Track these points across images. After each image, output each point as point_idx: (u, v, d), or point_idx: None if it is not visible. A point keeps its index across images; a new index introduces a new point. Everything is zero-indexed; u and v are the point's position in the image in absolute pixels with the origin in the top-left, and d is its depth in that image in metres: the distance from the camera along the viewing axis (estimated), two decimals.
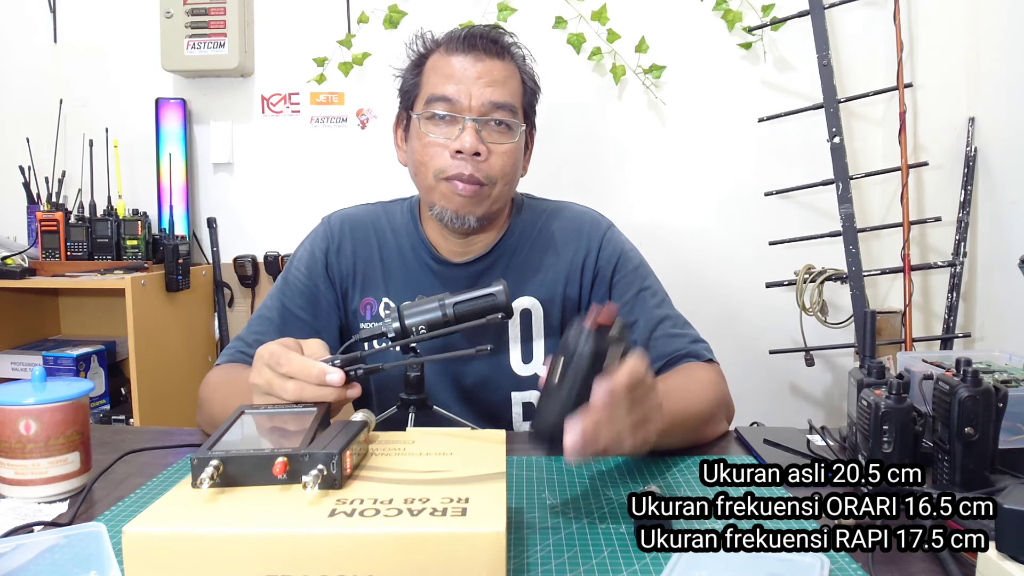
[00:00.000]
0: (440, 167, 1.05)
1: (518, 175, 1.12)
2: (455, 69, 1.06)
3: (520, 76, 1.11)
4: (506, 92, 1.06)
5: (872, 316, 0.92)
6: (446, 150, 1.04)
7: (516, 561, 0.64)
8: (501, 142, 1.06)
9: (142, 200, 2.27)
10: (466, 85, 1.04)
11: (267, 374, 0.80)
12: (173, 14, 2.17)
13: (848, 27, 2.11)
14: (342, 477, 0.60)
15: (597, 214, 1.21)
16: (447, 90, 1.05)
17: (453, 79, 1.05)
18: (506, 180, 1.08)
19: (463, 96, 1.04)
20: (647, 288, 1.14)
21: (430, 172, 1.06)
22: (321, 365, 0.78)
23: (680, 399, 0.92)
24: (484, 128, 1.05)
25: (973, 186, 1.77)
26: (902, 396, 0.74)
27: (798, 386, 2.25)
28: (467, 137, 1.03)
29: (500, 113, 1.05)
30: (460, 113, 1.04)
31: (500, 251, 1.15)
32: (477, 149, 1.03)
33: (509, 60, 1.09)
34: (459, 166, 1.04)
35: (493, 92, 1.05)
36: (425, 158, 1.06)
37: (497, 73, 1.06)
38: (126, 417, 2.01)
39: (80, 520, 0.74)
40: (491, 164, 1.05)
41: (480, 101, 1.04)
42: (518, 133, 1.08)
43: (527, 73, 1.13)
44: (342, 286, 1.15)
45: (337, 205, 1.23)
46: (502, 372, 1.13)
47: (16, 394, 0.78)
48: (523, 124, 1.10)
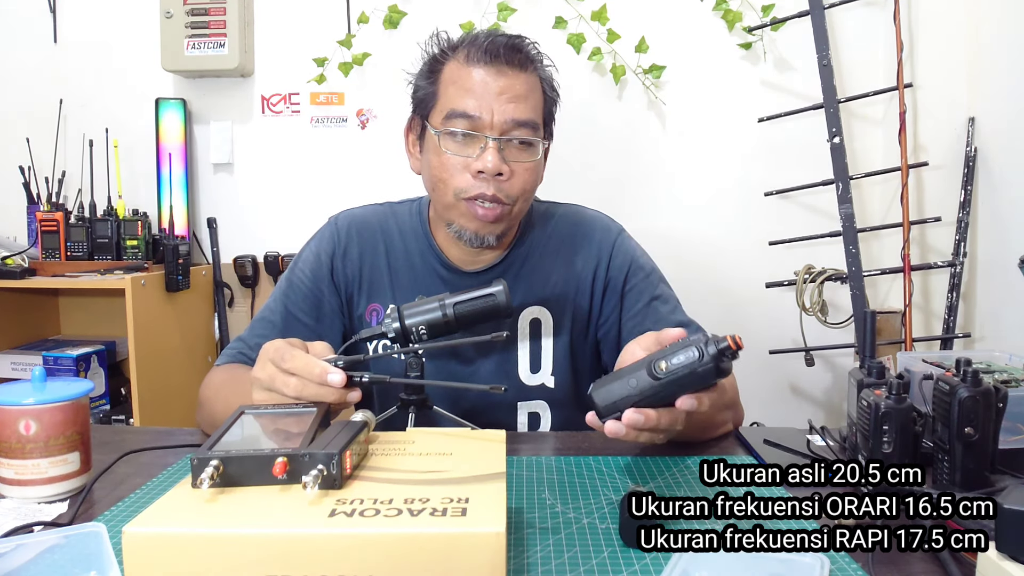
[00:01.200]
0: (461, 187, 1.01)
1: (536, 188, 1.09)
2: (475, 83, 1.00)
3: (542, 87, 1.06)
4: (528, 108, 1.02)
5: (872, 316, 0.92)
6: (467, 170, 1.00)
7: (516, 561, 0.64)
8: (523, 160, 1.02)
9: (142, 200, 2.27)
10: (487, 101, 0.99)
11: (270, 369, 0.80)
12: (173, 14, 2.18)
13: (848, 27, 2.12)
14: (342, 477, 0.60)
15: (608, 219, 1.19)
16: (467, 106, 0.99)
17: (473, 94, 1.00)
18: (527, 197, 1.05)
19: (484, 112, 0.99)
20: (659, 296, 1.13)
21: (449, 191, 1.02)
22: (324, 364, 0.78)
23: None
24: (506, 147, 1.01)
25: (973, 186, 1.77)
26: (902, 396, 0.74)
27: (798, 386, 2.25)
28: (489, 157, 0.98)
29: (523, 131, 1.01)
30: (481, 131, 1.00)
31: (511, 260, 1.12)
32: (500, 170, 0.99)
33: (532, 71, 1.04)
34: (480, 187, 1.00)
35: (516, 109, 1.00)
36: (444, 175, 1.02)
37: (520, 87, 1.01)
38: (126, 417, 2.01)
39: (80, 520, 0.74)
40: (513, 184, 1.01)
41: (503, 119, 0.99)
42: (539, 149, 1.04)
43: (547, 82, 1.08)
44: (347, 291, 1.14)
45: (337, 205, 1.22)
46: (509, 381, 1.11)
47: (16, 394, 0.77)
48: (545, 141, 1.06)
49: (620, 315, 1.13)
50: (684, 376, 0.71)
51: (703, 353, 0.70)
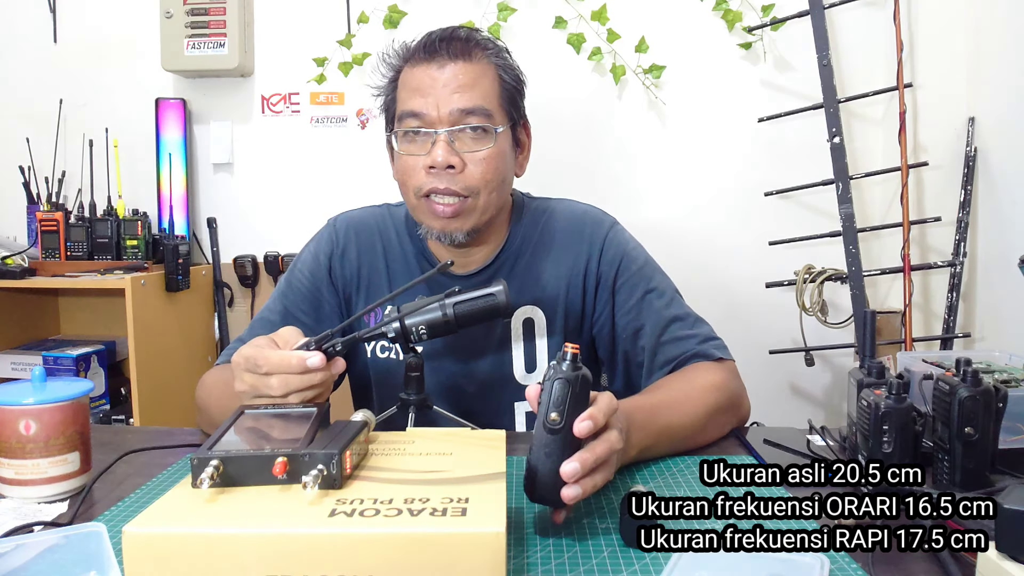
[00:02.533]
0: (417, 184, 1.02)
1: (506, 179, 1.07)
2: (420, 81, 1.01)
3: (495, 73, 1.05)
4: (475, 96, 1.01)
5: (872, 316, 0.92)
6: (422, 167, 1.01)
7: (516, 561, 0.64)
8: (477, 149, 1.01)
9: (142, 200, 2.27)
10: (433, 96, 1.00)
11: (248, 378, 0.80)
12: (173, 14, 2.17)
13: (848, 27, 2.11)
14: (342, 477, 0.60)
15: (599, 212, 1.17)
16: (415, 104, 1.01)
17: (420, 91, 1.01)
18: (491, 188, 1.03)
19: (431, 108, 1.00)
20: (653, 289, 1.10)
21: (411, 190, 1.03)
22: (298, 354, 0.79)
23: (665, 415, 0.91)
24: (458, 138, 1.01)
25: (973, 186, 1.77)
26: (902, 396, 0.74)
27: (798, 386, 2.25)
28: (438, 151, 0.99)
29: (472, 119, 1.01)
30: (431, 127, 1.00)
31: (502, 260, 1.12)
32: (449, 162, 0.99)
33: (479, 59, 1.03)
34: (434, 181, 1.00)
35: (460, 98, 1.00)
36: (404, 177, 1.04)
37: (463, 77, 1.01)
38: (126, 417, 2.01)
39: (80, 520, 0.74)
40: (469, 174, 1.01)
41: (448, 110, 1.00)
42: (494, 137, 1.03)
43: (504, 68, 1.06)
44: (345, 292, 1.14)
45: (337, 205, 1.22)
46: (505, 381, 1.11)
47: (16, 394, 0.78)
48: (502, 125, 1.04)
49: (613, 311, 1.11)
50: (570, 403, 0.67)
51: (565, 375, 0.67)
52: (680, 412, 0.93)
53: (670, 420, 0.91)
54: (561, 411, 0.67)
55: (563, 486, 0.66)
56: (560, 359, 0.69)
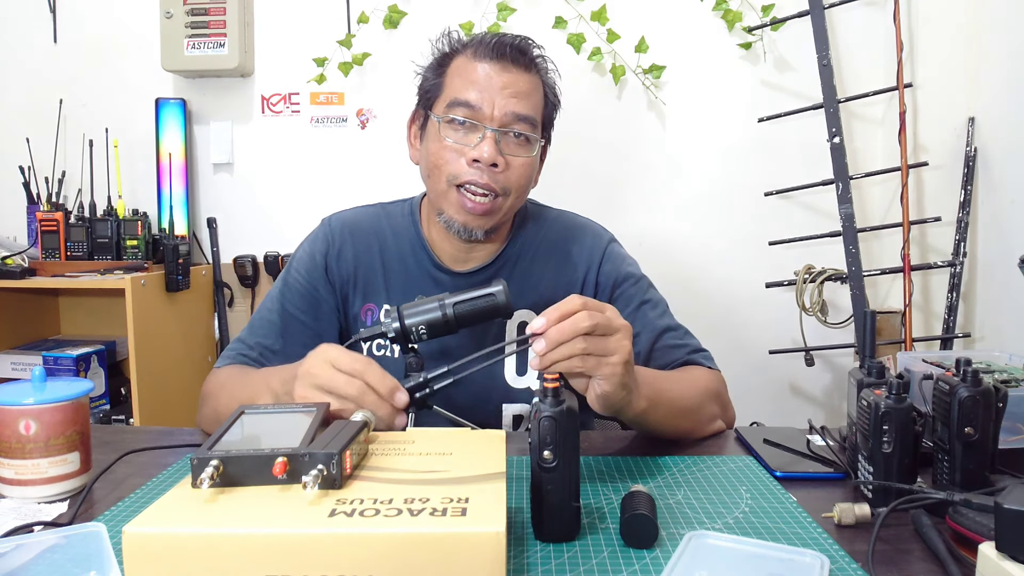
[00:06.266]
0: (454, 172, 1.03)
1: (528, 189, 1.11)
2: (480, 76, 1.04)
3: (544, 90, 1.10)
4: (529, 105, 1.05)
5: (872, 316, 0.92)
6: (463, 157, 1.03)
7: (516, 561, 0.64)
8: (519, 155, 1.05)
9: (142, 200, 2.27)
10: (490, 94, 1.03)
11: (328, 369, 0.80)
12: (173, 14, 2.17)
13: (848, 27, 2.12)
14: (342, 477, 0.60)
15: (599, 227, 1.21)
16: (470, 96, 1.03)
17: (477, 85, 1.03)
18: (519, 193, 1.07)
19: (486, 104, 1.02)
20: (647, 301, 1.14)
21: (443, 176, 1.04)
22: (395, 382, 0.80)
23: (668, 381, 0.97)
24: (503, 139, 1.04)
25: (973, 186, 1.77)
26: (902, 396, 0.74)
27: (798, 386, 2.25)
28: (486, 147, 1.01)
29: (521, 126, 1.04)
30: (481, 121, 1.03)
31: (503, 261, 1.14)
32: (495, 160, 1.02)
33: (535, 73, 1.08)
34: (474, 175, 1.02)
35: (517, 104, 1.03)
36: (440, 162, 1.05)
37: (523, 85, 1.05)
38: (126, 417, 2.01)
39: (80, 520, 0.74)
40: (507, 176, 1.04)
41: (503, 111, 1.03)
42: (536, 147, 1.07)
43: (550, 87, 1.11)
44: (342, 290, 1.14)
45: (337, 205, 1.22)
46: (496, 383, 1.12)
47: (16, 394, 0.77)
48: (542, 139, 1.09)
49: None
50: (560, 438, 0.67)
51: (550, 412, 0.67)
52: (678, 386, 0.99)
53: (670, 388, 0.96)
54: (552, 449, 0.67)
55: (572, 519, 0.67)
56: (542, 396, 0.68)
